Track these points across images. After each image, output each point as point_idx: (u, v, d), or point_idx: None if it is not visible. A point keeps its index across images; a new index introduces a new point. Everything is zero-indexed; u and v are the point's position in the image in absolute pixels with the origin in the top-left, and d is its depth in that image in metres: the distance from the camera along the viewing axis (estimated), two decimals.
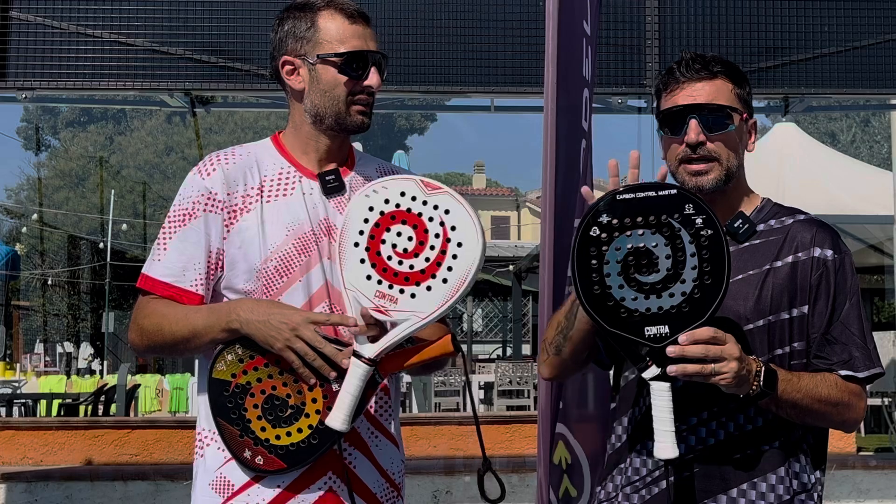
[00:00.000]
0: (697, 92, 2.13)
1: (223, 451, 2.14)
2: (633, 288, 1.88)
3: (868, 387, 2.17)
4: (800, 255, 2.10)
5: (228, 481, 2.14)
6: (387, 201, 2.04)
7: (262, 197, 2.20)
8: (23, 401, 11.74)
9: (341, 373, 2.05)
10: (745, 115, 2.16)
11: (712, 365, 1.88)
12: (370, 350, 2.02)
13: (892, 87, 4.95)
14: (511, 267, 18.08)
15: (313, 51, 2.20)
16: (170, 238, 2.19)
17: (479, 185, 45.12)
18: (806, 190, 12.07)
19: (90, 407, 11.19)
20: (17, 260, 15.26)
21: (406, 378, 12.48)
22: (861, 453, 7.63)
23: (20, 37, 4.80)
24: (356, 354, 2.02)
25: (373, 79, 2.21)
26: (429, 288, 2.00)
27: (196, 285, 2.17)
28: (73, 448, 6.72)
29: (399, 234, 2.02)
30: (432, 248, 2.00)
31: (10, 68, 4.81)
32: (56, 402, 11.57)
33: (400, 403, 2.40)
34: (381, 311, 2.02)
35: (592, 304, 1.90)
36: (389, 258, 2.02)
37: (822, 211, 12.15)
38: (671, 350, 1.87)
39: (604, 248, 1.89)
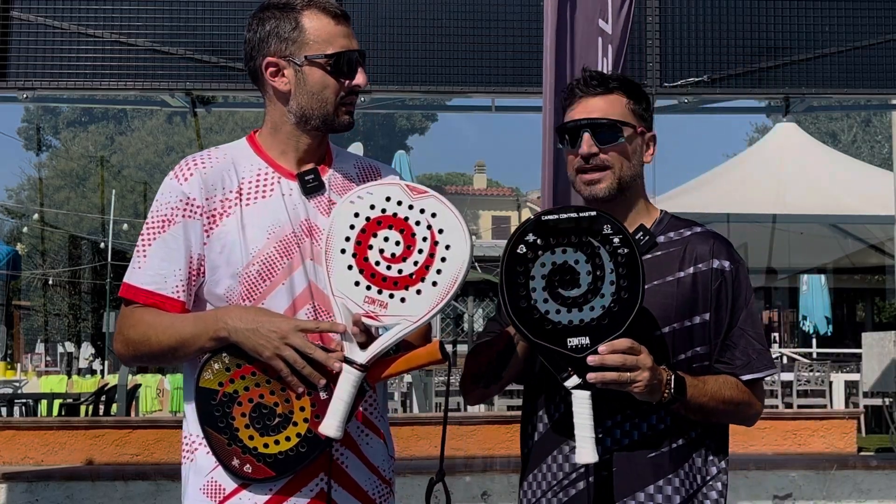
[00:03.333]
0: (592, 107, 2.27)
1: (213, 455, 2.12)
2: (556, 302, 2.03)
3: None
4: (700, 265, 2.24)
5: (220, 486, 2.12)
6: (372, 207, 2.04)
7: (241, 200, 2.17)
8: (24, 401, 11.74)
9: (330, 379, 2.04)
10: (639, 129, 2.28)
11: (629, 374, 2.02)
12: (362, 356, 2.02)
13: (893, 87, 4.95)
14: None
15: (300, 52, 2.17)
16: (149, 245, 2.17)
17: (480, 186, 45.14)
18: (807, 190, 12.07)
19: (91, 407, 11.18)
20: (17, 260, 15.25)
21: (407, 378, 12.48)
22: (862, 453, 7.62)
23: (21, 37, 4.81)
24: (348, 361, 2.02)
25: (360, 78, 2.20)
26: (419, 291, 2.01)
27: (178, 292, 2.15)
28: (73, 448, 6.71)
29: (386, 240, 2.03)
30: (420, 251, 2.01)
31: (11, 68, 4.81)
32: (57, 402, 11.56)
33: (387, 399, 2.39)
34: (371, 317, 2.02)
35: (519, 317, 2.03)
36: (377, 263, 2.03)
37: (824, 211, 12.16)
38: (592, 359, 2.01)
39: (530, 264, 2.03)
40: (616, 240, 2.04)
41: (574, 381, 2.03)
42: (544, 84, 3.21)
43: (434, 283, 2.00)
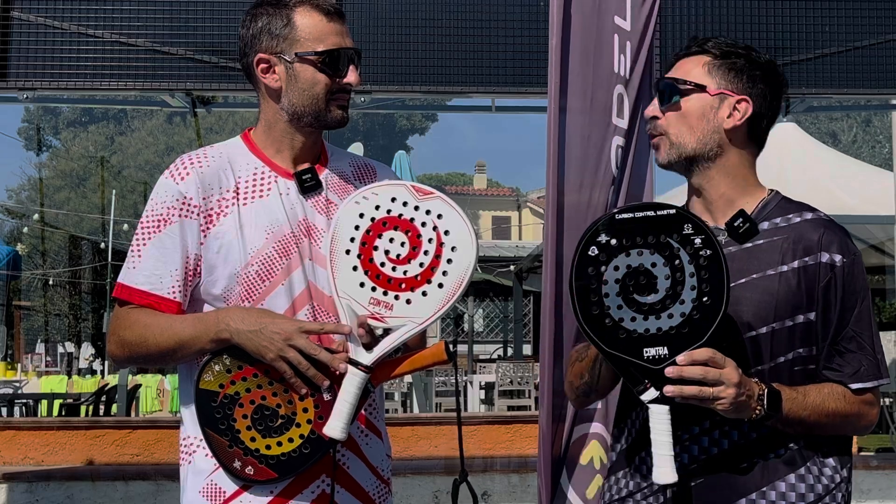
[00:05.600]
0: (674, 69, 2.12)
1: (212, 457, 2.11)
2: (631, 308, 1.86)
3: None
4: (807, 259, 2.01)
5: (220, 488, 2.11)
6: (378, 207, 2.03)
7: (238, 199, 2.16)
8: (24, 401, 11.73)
9: (334, 381, 2.03)
10: (715, 91, 2.06)
11: (711, 389, 1.85)
12: (367, 357, 2.01)
13: (894, 87, 4.95)
14: (512, 267, 18.09)
15: (291, 49, 2.16)
16: (144, 245, 2.14)
17: (480, 186, 45.11)
18: (807, 190, 12.05)
19: (91, 407, 11.18)
20: (18, 260, 15.25)
21: (407, 378, 12.48)
22: (862, 453, 7.62)
23: (21, 37, 4.80)
24: (352, 362, 2.00)
25: (352, 76, 2.18)
26: (424, 293, 1.99)
27: (174, 292, 2.12)
28: (74, 448, 6.72)
29: (392, 241, 2.01)
30: (426, 253, 2.00)
31: (12, 68, 4.81)
32: (57, 402, 11.55)
33: (384, 398, 2.38)
34: (376, 318, 2.00)
35: (590, 325, 1.87)
36: (383, 265, 2.01)
37: (823, 211, 12.15)
38: (669, 371, 1.85)
39: (602, 268, 1.86)
40: (698, 240, 1.85)
41: (651, 394, 1.86)
42: (549, 83, 3.20)
43: (440, 285, 1.99)
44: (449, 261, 1.99)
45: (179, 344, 2.09)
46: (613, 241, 1.86)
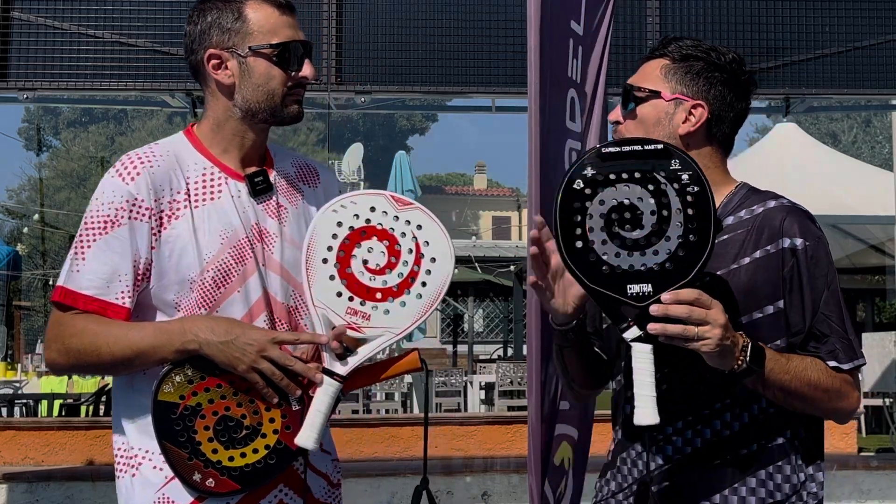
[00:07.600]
0: (637, 73, 2.13)
1: (162, 469, 2.03)
2: (616, 244, 1.81)
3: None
4: (769, 248, 2.00)
5: (172, 501, 2.04)
6: (356, 216, 2.00)
7: (189, 202, 2.07)
8: (24, 401, 11.72)
9: (304, 390, 2.00)
10: (671, 96, 2.07)
11: (696, 328, 1.79)
12: (343, 367, 1.98)
13: (893, 87, 4.96)
14: (512, 267, 18.09)
15: (243, 43, 2.10)
16: (88, 248, 2.04)
17: (481, 186, 45.08)
18: (807, 190, 12.06)
19: (91, 407, 11.17)
20: (18, 260, 15.27)
21: (408, 378, 12.48)
22: (862, 454, 7.62)
23: (21, 37, 4.81)
24: (327, 372, 1.98)
25: (308, 70, 2.13)
26: (403, 304, 1.98)
27: (122, 298, 2.02)
28: (74, 448, 6.72)
29: (370, 250, 1.99)
30: (405, 263, 1.99)
31: (12, 68, 4.82)
32: (57, 403, 11.54)
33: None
34: (353, 328, 1.98)
35: (574, 260, 1.83)
36: (361, 274, 1.98)
37: (824, 211, 12.16)
38: (654, 309, 1.79)
39: (587, 201, 1.82)
40: (685, 176, 1.81)
41: (634, 332, 1.81)
42: (529, 83, 3.20)
43: (419, 296, 1.98)
44: (428, 272, 1.98)
45: (137, 354, 2.00)
46: (599, 175, 1.82)
